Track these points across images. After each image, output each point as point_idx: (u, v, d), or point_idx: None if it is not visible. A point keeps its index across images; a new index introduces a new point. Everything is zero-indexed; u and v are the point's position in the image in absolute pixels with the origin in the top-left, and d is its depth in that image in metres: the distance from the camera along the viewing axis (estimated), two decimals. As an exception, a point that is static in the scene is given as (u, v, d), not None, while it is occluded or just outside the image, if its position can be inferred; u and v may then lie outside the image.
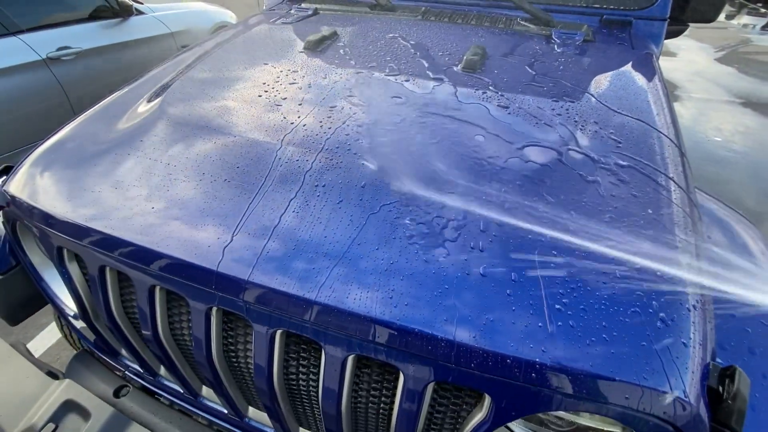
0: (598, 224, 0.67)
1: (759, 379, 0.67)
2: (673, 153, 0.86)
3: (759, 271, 0.88)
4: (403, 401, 0.61)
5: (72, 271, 0.84)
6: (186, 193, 0.75)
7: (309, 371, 0.69)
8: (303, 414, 0.81)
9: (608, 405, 0.52)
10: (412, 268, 0.61)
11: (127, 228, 0.70)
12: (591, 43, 1.34)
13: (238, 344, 0.73)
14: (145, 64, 3.53)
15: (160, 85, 1.09)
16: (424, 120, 0.89)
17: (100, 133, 0.94)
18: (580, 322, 0.55)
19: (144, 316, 0.76)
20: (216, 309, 0.69)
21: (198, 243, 0.66)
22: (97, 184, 0.80)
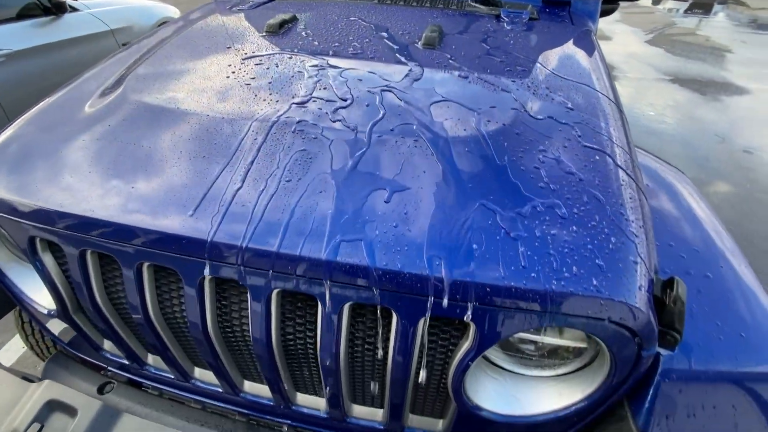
0: (554, 168, 0.75)
1: (695, 294, 0.79)
2: (612, 109, 0.97)
3: (688, 210, 1.02)
4: (398, 341, 0.66)
5: (47, 261, 0.82)
6: (165, 170, 0.76)
7: (306, 328, 0.73)
8: (301, 377, 0.85)
9: (575, 317, 0.60)
10: (395, 215, 0.66)
11: (111, 208, 0.70)
12: (536, 20, 1.45)
13: (232, 313, 0.75)
14: (84, 64, 3.31)
15: (122, 71, 1.06)
16: (387, 91, 0.94)
17: (61, 121, 0.91)
18: (547, 249, 0.63)
19: (132, 297, 0.76)
20: (209, 279, 0.71)
21: (187, 214, 0.68)
22: (68, 169, 0.78)
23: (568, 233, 0.65)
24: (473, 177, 0.73)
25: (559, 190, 0.72)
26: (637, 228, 0.69)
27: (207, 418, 0.98)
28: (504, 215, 0.67)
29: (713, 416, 0.69)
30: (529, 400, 0.75)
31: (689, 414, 0.70)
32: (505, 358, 0.77)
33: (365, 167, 0.75)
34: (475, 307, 0.61)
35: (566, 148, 0.81)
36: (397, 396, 0.76)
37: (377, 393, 0.81)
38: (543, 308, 0.60)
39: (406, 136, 0.80)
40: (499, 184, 0.72)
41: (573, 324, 0.62)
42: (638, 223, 0.70)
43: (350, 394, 0.84)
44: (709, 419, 0.69)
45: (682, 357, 0.71)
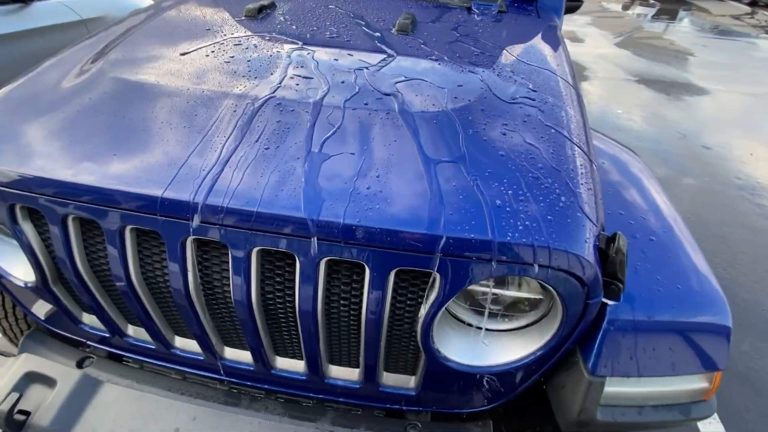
0: (513, 138, 0.83)
1: (640, 254, 0.88)
2: (570, 92, 1.06)
3: (639, 184, 1.11)
4: (371, 293, 0.72)
5: (27, 230, 0.83)
6: (147, 138, 0.79)
7: (285, 287, 0.77)
8: (280, 340, 0.89)
9: (528, 266, 0.67)
10: (368, 177, 0.72)
11: (94, 173, 0.73)
12: (505, 13, 1.54)
13: (213, 275, 0.79)
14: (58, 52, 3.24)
15: (101, 48, 1.08)
16: (361, 71, 0.99)
17: (41, 95, 0.92)
18: (504, 206, 0.69)
19: (115, 263, 0.79)
20: (191, 240, 0.74)
21: (170, 177, 0.71)
22: (49, 138, 0.80)
23: (523, 193, 0.72)
24: (439, 145, 0.79)
25: (518, 157, 0.79)
26: (586, 190, 0.77)
27: (187, 388, 1.01)
28: (467, 178, 0.73)
29: (653, 357, 0.78)
30: (493, 352, 0.81)
31: (632, 356, 0.78)
32: (470, 313, 0.84)
33: (339, 136, 0.80)
34: (440, 258, 0.67)
35: (525, 122, 0.89)
36: (371, 352, 0.82)
37: (355, 351, 0.86)
38: (499, 258, 0.67)
39: (379, 110, 0.86)
40: (463, 151, 0.78)
41: (526, 272, 0.68)
42: (587, 186, 0.78)
43: (328, 355, 0.89)
44: (650, 360, 0.78)
45: (627, 307, 0.79)
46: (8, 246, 0.96)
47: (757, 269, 2.52)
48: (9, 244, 0.96)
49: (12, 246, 0.96)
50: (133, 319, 0.97)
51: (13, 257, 0.96)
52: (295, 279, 0.74)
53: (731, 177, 3.50)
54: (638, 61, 6.21)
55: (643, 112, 4.60)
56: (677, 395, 0.82)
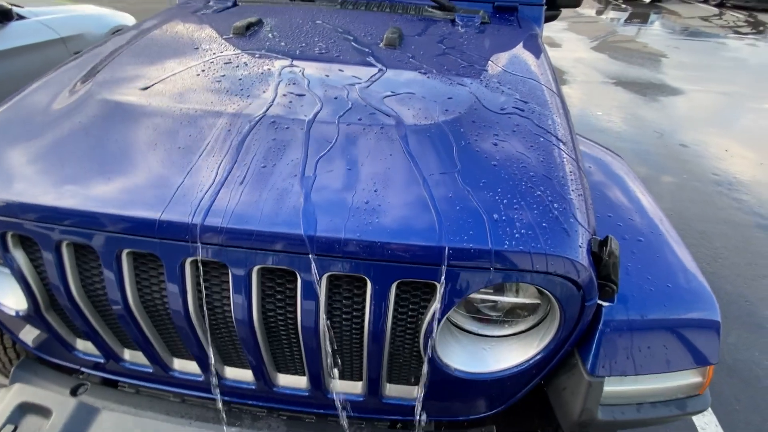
0: (504, 148, 0.85)
1: (630, 255, 0.91)
2: (555, 100, 1.09)
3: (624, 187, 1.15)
4: (373, 306, 0.72)
5: (19, 257, 0.82)
6: (141, 160, 0.79)
7: (286, 304, 0.77)
8: (282, 357, 0.89)
9: (526, 272, 0.69)
10: (366, 192, 0.73)
11: (90, 197, 0.72)
12: (488, 24, 1.58)
13: (213, 295, 0.79)
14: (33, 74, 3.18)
15: (89, 70, 1.07)
16: (352, 86, 1.01)
17: (30, 118, 0.91)
18: (500, 215, 0.71)
19: (111, 287, 0.78)
20: (190, 262, 0.74)
21: (167, 198, 0.71)
22: (40, 163, 0.79)
23: (517, 202, 0.74)
24: (433, 157, 0.81)
25: (510, 166, 0.81)
26: (576, 196, 0.80)
27: (187, 410, 0.99)
28: (462, 188, 0.75)
29: (648, 355, 0.80)
30: (494, 358, 0.83)
31: (628, 355, 0.80)
32: (470, 321, 0.85)
33: (335, 152, 0.81)
34: (441, 268, 0.68)
35: (515, 132, 0.91)
36: (374, 365, 0.82)
37: (357, 364, 0.86)
38: (498, 266, 0.68)
39: (373, 124, 0.87)
40: (457, 162, 0.80)
41: (524, 279, 0.70)
42: (577, 192, 0.81)
43: (330, 369, 0.89)
44: (645, 358, 0.80)
45: (620, 308, 0.81)
46: (-5, 274, 0.94)
47: (738, 262, 2.61)
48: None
49: (0, 274, 0.94)
50: (130, 343, 0.96)
51: (1, 285, 0.94)
52: (297, 295, 0.74)
53: (708, 173, 3.63)
54: (614, 64, 6.41)
55: (622, 113, 4.74)
56: (673, 391, 0.85)
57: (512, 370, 0.82)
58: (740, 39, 8.45)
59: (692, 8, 11.28)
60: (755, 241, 2.83)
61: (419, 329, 0.78)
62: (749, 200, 3.30)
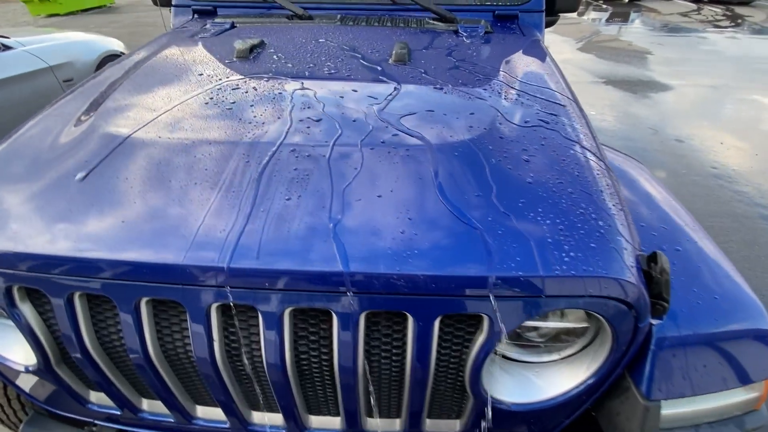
0: (537, 165, 0.81)
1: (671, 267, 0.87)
2: (574, 108, 1.06)
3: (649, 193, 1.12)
4: (415, 344, 0.68)
5: (26, 311, 0.76)
6: (157, 201, 0.74)
7: (320, 345, 0.72)
8: (314, 398, 0.83)
9: (578, 298, 0.65)
10: (400, 221, 0.68)
11: (104, 244, 0.67)
12: (491, 33, 1.56)
13: (242, 339, 0.73)
14: (22, 104, 3.13)
15: (91, 103, 1.02)
16: (369, 107, 0.97)
17: (31, 159, 0.86)
18: (545, 239, 0.67)
19: (130, 337, 0.72)
20: (216, 307, 0.69)
21: (188, 242, 0.66)
22: (48, 210, 0.74)
23: (561, 221, 0.70)
24: (466, 179, 0.77)
25: (546, 183, 0.77)
26: (618, 211, 0.76)
27: (212, 459, 0.93)
28: (502, 211, 0.71)
29: (704, 373, 0.76)
30: (542, 386, 0.78)
31: (684, 375, 0.76)
32: (515, 348, 0.81)
33: (363, 180, 0.77)
34: (488, 299, 0.64)
35: (544, 145, 0.88)
36: (415, 401, 0.77)
37: (395, 401, 0.81)
38: (548, 293, 0.64)
39: (398, 147, 0.83)
40: (491, 183, 0.76)
41: (577, 305, 0.66)
42: (618, 207, 0.77)
43: (367, 408, 0.84)
44: (701, 376, 0.76)
45: (671, 324, 0.77)
46: (2, 328, 0.88)
47: (749, 256, 2.59)
48: (3, 326, 0.88)
49: (6, 328, 0.88)
50: (148, 393, 0.90)
51: (8, 339, 0.87)
52: (333, 336, 0.69)
53: (707, 167, 3.64)
54: (602, 64, 6.48)
55: (614, 112, 4.77)
56: (731, 408, 0.80)
57: (562, 398, 0.77)
58: (720, 32, 8.62)
59: (670, 5, 11.52)
60: (762, 233, 2.83)
61: (464, 362, 0.73)
62: (750, 192, 3.31)
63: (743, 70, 6.28)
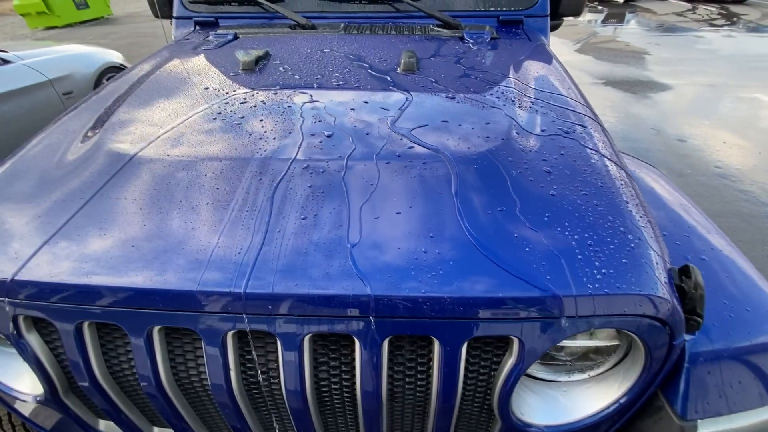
0: (559, 176, 0.79)
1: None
2: (588, 113, 1.04)
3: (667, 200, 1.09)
4: (442, 369, 0.64)
5: (33, 341, 0.73)
6: (168, 224, 0.71)
7: (341, 371, 0.69)
8: (334, 425, 0.80)
9: (612, 317, 0.62)
10: (422, 240, 0.66)
11: (112, 272, 0.64)
12: (497, 39, 1.54)
13: (258, 367, 0.70)
14: (22, 117, 3.11)
15: (95, 120, 0.99)
16: (382, 118, 0.94)
17: (32, 182, 0.83)
18: (575, 256, 0.64)
19: (142, 366, 0.69)
20: (232, 334, 0.66)
21: (202, 267, 0.63)
22: (54, 235, 0.71)
23: (589, 236, 0.67)
24: (488, 194, 0.74)
25: (569, 195, 0.75)
26: (645, 223, 0.73)
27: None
28: (528, 227, 0.68)
29: (741, 391, 0.73)
30: (573, 406, 0.75)
31: (720, 393, 0.73)
32: (543, 368, 0.77)
33: (380, 196, 0.74)
34: (517, 321, 0.61)
35: (563, 155, 0.85)
36: (441, 427, 0.74)
37: (418, 427, 0.78)
38: (581, 314, 0.61)
39: (414, 160, 0.81)
40: (514, 197, 0.74)
41: (610, 324, 0.63)
42: (645, 219, 0.74)
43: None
44: (737, 393, 0.73)
45: (704, 340, 0.74)
46: (8, 357, 0.85)
47: (755, 256, 2.56)
48: (9, 355, 0.85)
49: (12, 356, 0.84)
50: (159, 421, 0.86)
51: (14, 369, 0.84)
52: (355, 362, 0.66)
53: (711, 167, 3.62)
54: (601, 65, 6.49)
55: (616, 113, 4.76)
56: (766, 425, 0.77)
57: (592, 419, 0.74)
58: (716, 31, 8.65)
59: (665, 5, 11.58)
60: (771, 232, 2.80)
61: (492, 386, 0.70)
62: (755, 191, 3.29)
63: (741, 69, 6.29)
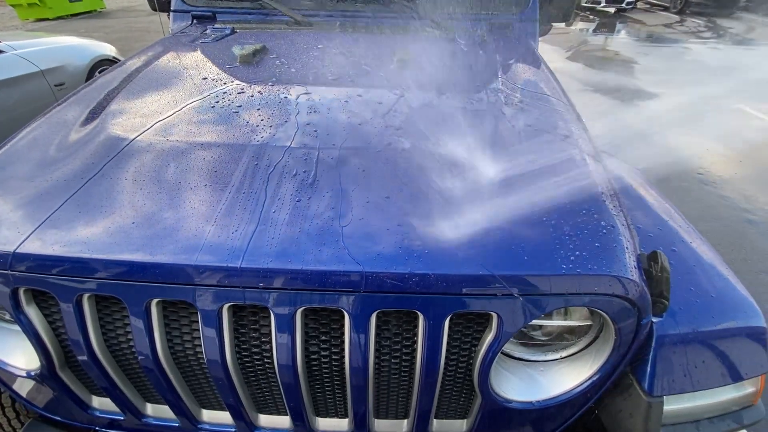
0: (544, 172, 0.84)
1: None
2: (573, 116, 1.09)
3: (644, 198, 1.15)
4: (426, 342, 0.69)
5: (32, 314, 0.75)
6: (167, 201, 0.74)
7: (330, 345, 0.73)
8: (323, 400, 0.83)
9: (585, 296, 0.67)
10: (413, 219, 0.70)
11: (115, 246, 0.67)
12: (487, 42, 1.59)
13: (252, 340, 0.73)
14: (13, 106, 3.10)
15: (94, 107, 1.02)
16: (374, 110, 0.99)
17: (36, 162, 0.85)
18: (554, 240, 0.69)
19: (139, 339, 0.72)
20: (228, 307, 0.69)
21: (200, 243, 0.66)
22: (57, 212, 0.73)
23: (565, 224, 0.72)
24: (473, 183, 0.79)
25: (549, 188, 0.80)
26: (618, 213, 0.79)
27: (217, 464, 0.92)
28: (509, 214, 0.73)
29: (704, 371, 0.78)
30: (550, 384, 0.79)
31: (684, 372, 0.78)
32: (520, 347, 0.82)
33: (371, 182, 0.78)
34: (496, 297, 0.65)
35: (548, 151, 0.91)
36: (425, 401, 0.78)
37: (403, 402, 0.81)
38: (555, 291, 0.66)
39: (405, 150, 0.85)
40: (498, 188, 0.78)
41: (582, 302, 0.68)
42: (617, 209, 0.80)
43: (375, 409, 0.84)
44: (701, 373, 0.78)
45: (671, 322, 0.79)
46: (3, 333, 0.86)
47: (731, 259, 2.66)
48: (4, 331, 0.87)
49: (7, 333, 0.86)
50: (152, 397, 0.89)
51: (8, 344, 0.86)
52: (345, 335, 0.70)
53: (693, 173, 3.74)
54: (590, 73, 6.63)
55: (603, 120, 4.88)
56: (729, 404, 0.83)
57: (567, 395, 0.79)
58: (703, 43, 8.89)
59: (655, 17, 11.86)
60: (748, 236, 2.91)
61: (473, 361, 0.74)
62: (735, 197, 3.41)
63: (726, 80, 6.47)
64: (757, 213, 3.20)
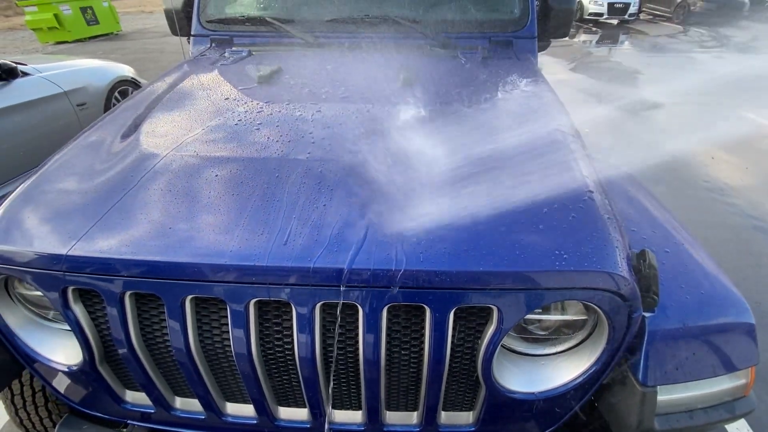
0: (541, 178, 0.91)
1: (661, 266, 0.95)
2: (570, 127, 1.17)
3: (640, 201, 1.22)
4: (433, 334, 0.75)
5: (78, 311, 0.84)
6: (200, 208, 0.83)
7: (346, 337, 0.80)
8: (338, 391, 0.90)
9: (577, 290, 0.73)
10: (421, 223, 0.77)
11: (155, 248, 0.75)
12: (489, 59, 1.69)
13: (274, 335, 0.81)
14: (39, 126, 3.27)
15: (130, 124, 1.13)
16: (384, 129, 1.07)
17: (81, 173, 0.96)
18: (551, 238, 0.76)
19: (174, 333, 0.80)
20: (254, 303, 0.77)
21: (232, 245, 0.75)
22: (101, 219, 0.82)
23: (560, 224, 0.79)
24: (475, 187, 0.86)
25: (545, 191, 0.87)
26: (610, 215, 0.85)
27: (239, 455, 0.99)
28: (507, 215, 0.80)
29: (695, 361, 0.84)
30: (550, 376, 0.85)
31: (676, 364, 0.83)
32: (521, 342, 0.88)
33: (382, 189, 0.86)
34: (497, 292, 0.72)
35: (544, 157, 0.98)
36: (432, 393, 0.84)
37: (413, 394, 0.88)
38: (550, 286, 0.73)
39: (412, 159, 0.93)
40: (499, 191, 0.86)
41: (575, 296, 0.74)
42: (609, 212, 0.86)
43: (386, 401, 0.90)
44: (692, 364, 0.83)
45: (663, 317, 0.85)
46: (45, 332, 0.95)
47: (741, 266, 2.67)
48: (45, 330, 0.95)
49: (49, 331, 0.95)
50: (182, 391, 0.96)
51: (50, 342, 0.95)
52: (359, 329, 0.77)
53: (700, 181, 3.76)
54: (594, 83, 6.72)
55: (608, 129, 4.94)
56: (721, 395, 0.88)
57: (566, 387, 0.84)
58: (707, 52, 8.94)
59: (658, 27, 11.97)
60: (755, 243, 2.92)
61: (476, 353, 0.80)
62: (742, 204, 3.42)
63: (731, 89, 6.50)
64: (765, 219, 3.21)
